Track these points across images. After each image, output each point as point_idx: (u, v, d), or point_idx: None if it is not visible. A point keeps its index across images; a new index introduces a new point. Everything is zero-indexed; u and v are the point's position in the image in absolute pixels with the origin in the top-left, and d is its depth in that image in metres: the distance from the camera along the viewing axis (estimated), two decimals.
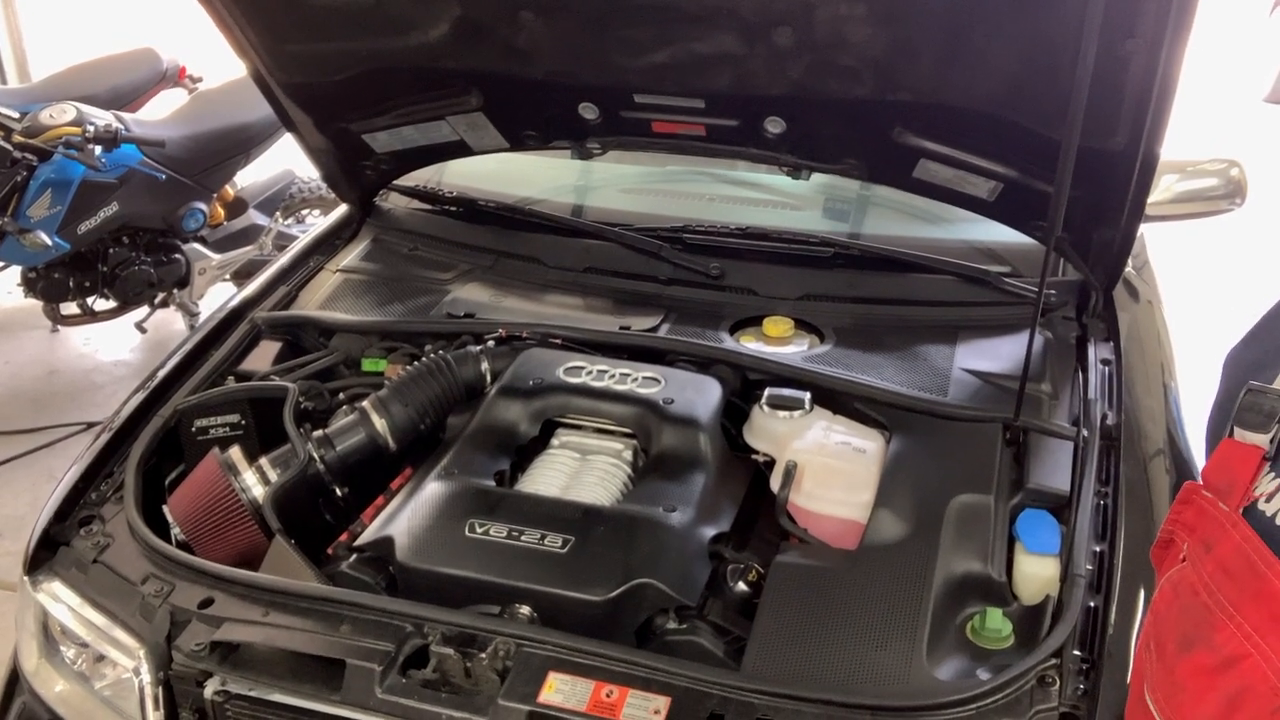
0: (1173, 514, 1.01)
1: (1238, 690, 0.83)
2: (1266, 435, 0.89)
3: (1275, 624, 0.82)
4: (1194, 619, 0.89)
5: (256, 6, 2.09)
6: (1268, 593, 0.83)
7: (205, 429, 2.01)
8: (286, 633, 1.54)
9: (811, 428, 1.87)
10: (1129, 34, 1.57)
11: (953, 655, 1.52)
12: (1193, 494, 0.97)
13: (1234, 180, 2.51)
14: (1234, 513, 0.90)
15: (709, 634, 1.58)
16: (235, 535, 1.80)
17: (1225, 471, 0.93)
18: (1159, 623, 0.96)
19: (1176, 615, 0.93)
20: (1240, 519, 0.89)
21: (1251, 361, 0.97)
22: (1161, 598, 0.98)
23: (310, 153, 2.54)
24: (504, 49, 2.02)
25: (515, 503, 1.73)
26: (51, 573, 1.77)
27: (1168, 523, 1.02)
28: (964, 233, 2.40)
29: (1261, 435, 0.89)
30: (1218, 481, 0.94)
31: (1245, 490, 0.90)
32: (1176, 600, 0.94)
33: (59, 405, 4.37)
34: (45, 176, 3.85)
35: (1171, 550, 1.00)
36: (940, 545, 1.64)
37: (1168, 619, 0.95)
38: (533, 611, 1.56)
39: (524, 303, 2.33)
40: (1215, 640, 0.86)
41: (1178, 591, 0.94)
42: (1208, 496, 0.94)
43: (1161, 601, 0.97)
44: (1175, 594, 0.95)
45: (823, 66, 1.85)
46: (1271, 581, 0.83)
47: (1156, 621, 0.97)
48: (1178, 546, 0.98)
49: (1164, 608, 0.96)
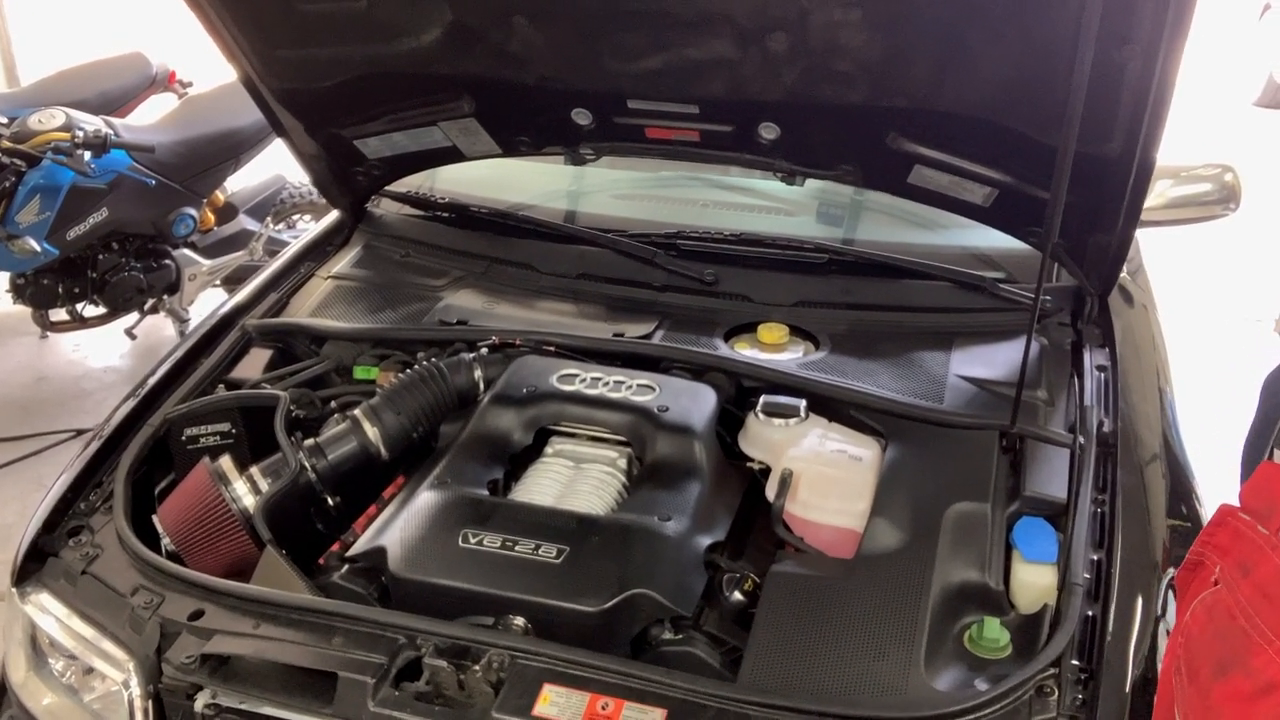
0: (1204, 536, 0.99)
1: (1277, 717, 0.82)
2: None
3: None
4: (1230, 643, 0.88)
5: (246, 12, 2.08)
6: None
7: (195, 438, 1.99)
8: (278, 645, 1.52)
9: (807, 435, 1.86)
10: (1125, 39, 1.56)
11: (951, 665, 1.50)
12: (1228, 516, 0.96)
13: (1228, 185, 2.51)
14: (1274, 535, 0.89)
15: (705, 645, 1.57)
16: (226, 545, 1.78)
17: (1265, 494, 0.92)
18: (1191, 646, 0.94)
19: (1211, 639, 0.91)
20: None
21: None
22: (1195, 620, 0.96)
23: (301, 158, 2.52)
24: (496, 54, 2.01)
25: (509, 512, 1.72)
26: (40, 584, 1.76)
27: (1198, 544, 1.00)
28: (958, 238, 2.39)
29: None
30: (1257, 504, 0.92)
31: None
32: (1211, 624, 0.92)
33: (48, 412, 4.34)
34: (34, 182, 3.82)
35: (1200, 573, 0.98)
36: (937, 554, 1.63)
37: (1201, 642, 0.93)
38: (527, 623, 1.55)
39: (517, 309, 2.32)
40: (1253, 665, 0.84)
41: (1212, 615, 0.93)
42: (1245, 519, 0.93)
43: (1195, 624, 0.96)
44: (1210, 617, 0.93)
45: (817, 72, 1.84)
46: None
47: (1189, 645, 0.95)
48: (1208, 569, 0.97)
49: (1198, 630, 0.95)
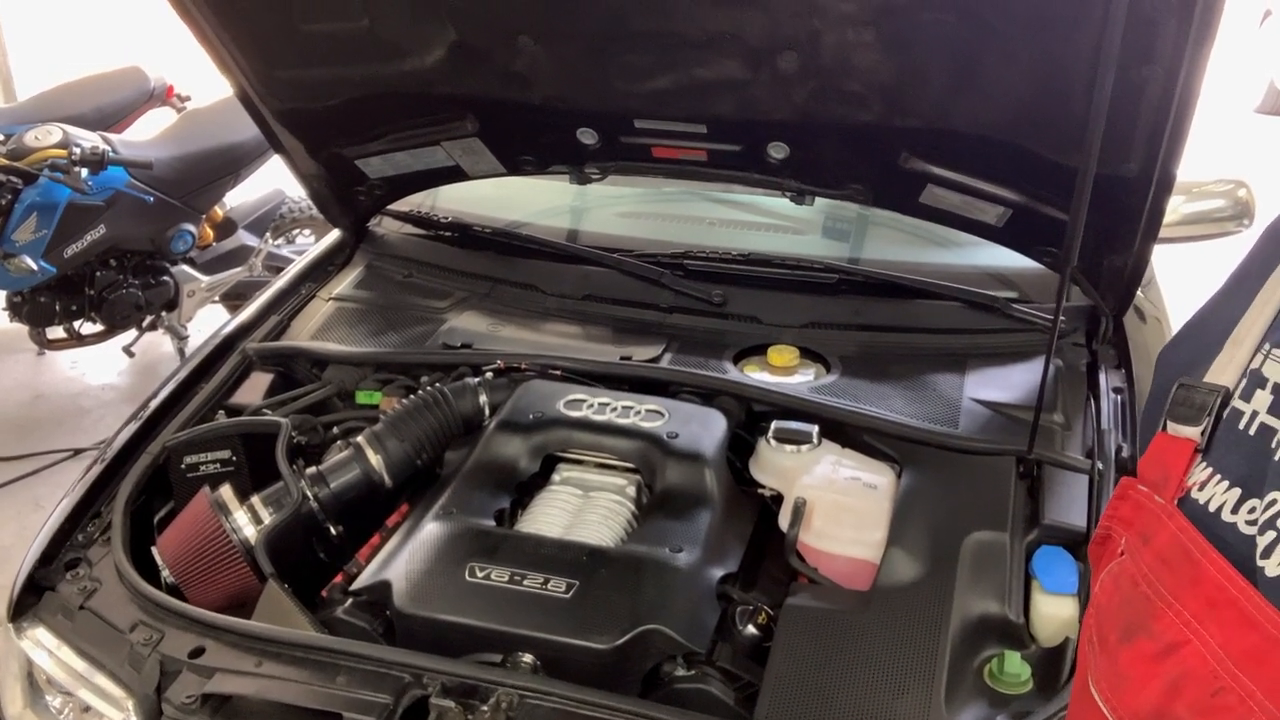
0: (1109, 510, 1.03)
1: (1178, 676, 0.84)
2: (1198, 428, 0.92)
3: (1212, 609, 0.83)
4: (1135, 609, 0.91)
5: (246, 32, 2.05)
6: (1203, 579, 0.85)
7: (195, 466, 1.95)
8: (280, 684, 1.49)
9: (820, 462, 1.82)
10: (1147, 59, 1.53)
11: (971, 701, 1.47)
12: (1128, 489, 1.00)
13: (1242, 201, 2.48)
14: (1169, 504, 0.92)
15: (719, 681, 1.53)
16: (226, 577, 1.74)
17: (1159, 465, 0.95)
18: (1100, 615, 0.98)
19: (1117, 607, 0.94)
20: (1175, 509, 0.91)
21: (1183, 359, 1.00)
22: (1102, 591, 0.99)
23: (301, 178, 2.49)
24: (501, 74, 1.98)
25: (516, 544, 1.68)
26: (36, 619, 1.72)
27: (1104, 518, 1.04)
28: (970, 257, 2.36)
29: (1193, 428, 0.92)
30: (1153, 475, 0.96)
31: (1179, 482, 0.92)
32: (1117, 592, 0.96)
33: (45, 431, 4.30)
34: (30, 200, 3.78)
35: (1109, 546, 1.02)
36: (956, 585, 1.60)
37: (1109, 611, 0.96)
38: (536, 660, 1.51)
39: (522, 332, 2.28)
40: (1155, 628, 0.87)
41: (1118, 584, 0.96)
42: (1143, 490, 0.96)
43: (1102, 594, 0.99)
44: (1116, 586, 0.96)
45: (829, 92, 1.81)
46: (1206, 568, 0.85)
47: (1098, 614, 0.98)
48: (1115, 542, 1.00)
49: (1105, 600, 0.98)
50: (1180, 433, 0.93)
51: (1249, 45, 8.55)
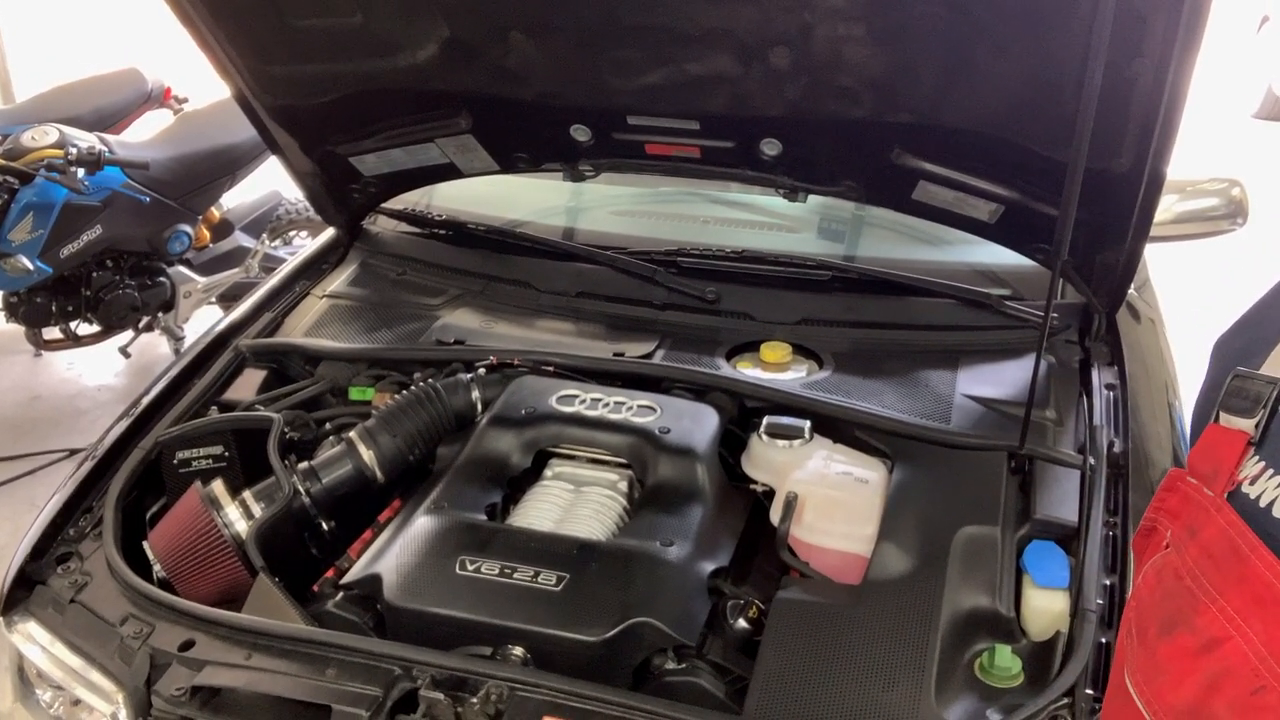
0: (1156, 501, 1.01)
1: (1219, 672, 0.82)
2: (1252, 420, 0.89)
3: (1257, 606, 0.82)
4: (1177, 603, 0.89)
5: (240, 28, 2.05)
6: (1250, 575, 0.83)
7: (187, 461, 1.95)
8: (270, 677, 1.48)
9: (812, 457, 1.82)
10: (1136, 53, 1.53)
11: (962, 695, 1.47)
12: (1177, 481, 0.97)
13: (1235, 200, 2.48)
14: (1218, 497, 0.90)
15: (709, 674, 1.53)
16: (218, 572, 1.74)
17: (1211, 457, 0.93)
18: (1141, 608, 0.96)
19: (1159, 600, 0.93)
20: (1224, 503, 0.89)
21: (1239, 349, 0.97)
22: (1145, 583, 0.98)
23: (296, 176, 2.49)
24: (494, 70, 1.98)
25: (507, 538, 1.68)
26: (27, 613, 1.73)
27: (1150, 510, 1.02)
28: (963, 254, 2.36)
29: (1247, 420, 0.89)
30: (1203, 467, 0.94)
31: (1230, 475, 0.90)
32: (1160, 585, 0.94)
33: (41, 431, 4.30)
34: (27, 200, 3.78)
35: (1154, 538, 1.00)
36: (946, 579, 1.59)
37: (1150, 604, 0.95)
38: (526, 653, 1.51)
39: (515, 328, 2.28)
40: (1197, 623, 0.86)
41: (1161, 577, 0.94)
42: (1192, 483, 0.94)
43: (1145, 587, 0.97)
44: (1159, 579, 0.95)
45: (821, 88, 1.81)
46: (1254, 564, 0.83)
47: (1139, 607, 0.97)
48: (1160, 534, 0.98)
49: (1147, 593, 0.96)
50: (1233, 424, 0.91)
51: (1247, 50, 8.57)
